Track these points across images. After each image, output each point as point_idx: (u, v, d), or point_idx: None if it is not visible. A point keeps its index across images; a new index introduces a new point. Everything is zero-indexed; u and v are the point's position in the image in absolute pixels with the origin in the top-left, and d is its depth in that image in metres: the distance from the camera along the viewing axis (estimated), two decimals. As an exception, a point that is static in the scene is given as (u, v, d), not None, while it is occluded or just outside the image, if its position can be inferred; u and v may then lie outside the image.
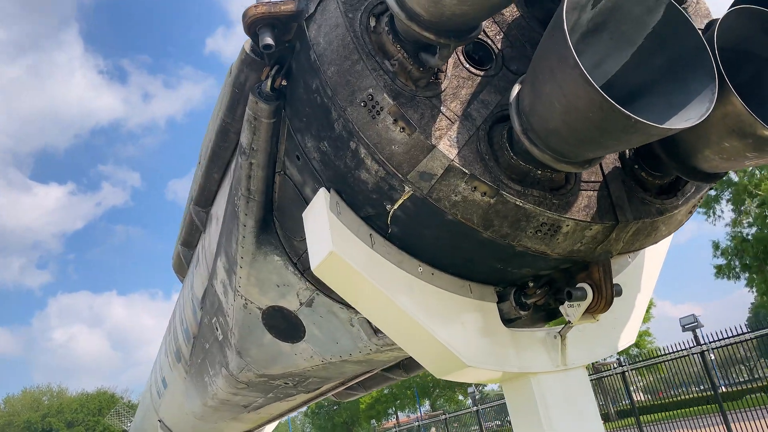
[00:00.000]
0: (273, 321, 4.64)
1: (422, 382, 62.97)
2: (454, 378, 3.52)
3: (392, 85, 2.77)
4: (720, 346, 18.67)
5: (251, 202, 3.92)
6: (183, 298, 7.84)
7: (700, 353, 18.74)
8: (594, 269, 3.13)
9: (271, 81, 3.27)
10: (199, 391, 7.01)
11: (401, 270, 3.28)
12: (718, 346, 18.68)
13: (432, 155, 2.75)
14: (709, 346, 18.72)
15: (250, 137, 3.56)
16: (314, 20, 2.98)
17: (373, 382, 6.89)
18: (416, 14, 2.53)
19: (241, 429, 10.79)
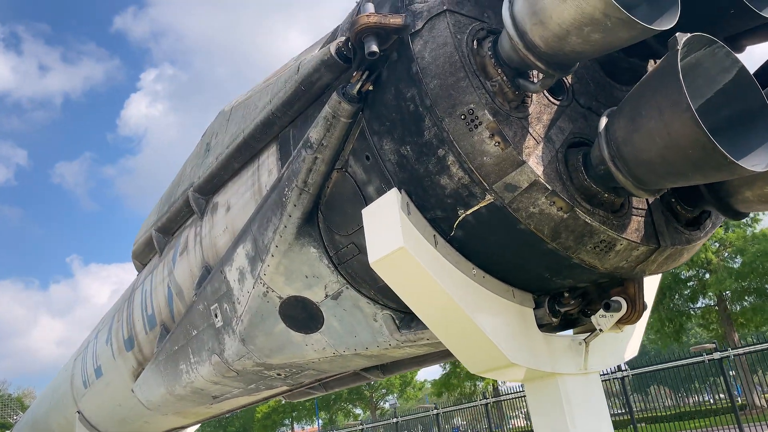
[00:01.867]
0: (291, 311, 4.79)
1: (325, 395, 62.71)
2: (489, 374, 3.85)
3: (492, 103, 3.10)
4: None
5: (304, 195, 4.09)
6: (150, 285, 7.72)
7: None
8: (630, 285, 3.57)
9: (360, 85, 3.50)
10: (166, 379, 6.90)
11: (458, 270, 3.59)
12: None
13: (521, 170, 3.09)
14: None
15: (323, 133, 3.77)
16: (420, 36, 3.26)
17: (344, 382, 7.08)
18: (534, 45, 2.88)
19: (177, 424, 10.58)
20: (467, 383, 42.16)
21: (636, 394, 29.46)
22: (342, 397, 60.37)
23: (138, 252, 8.62)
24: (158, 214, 7.53)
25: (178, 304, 6.77)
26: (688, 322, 30.39)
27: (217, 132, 5.82)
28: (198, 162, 6.25)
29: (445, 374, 41.65)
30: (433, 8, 3.24)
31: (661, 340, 33.60)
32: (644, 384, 29.45)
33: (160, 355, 7.00)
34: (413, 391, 58.34)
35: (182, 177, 6.77)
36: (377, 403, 61.22)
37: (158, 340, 7.21)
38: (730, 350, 16.26)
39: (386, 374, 6.59)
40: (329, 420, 69.01)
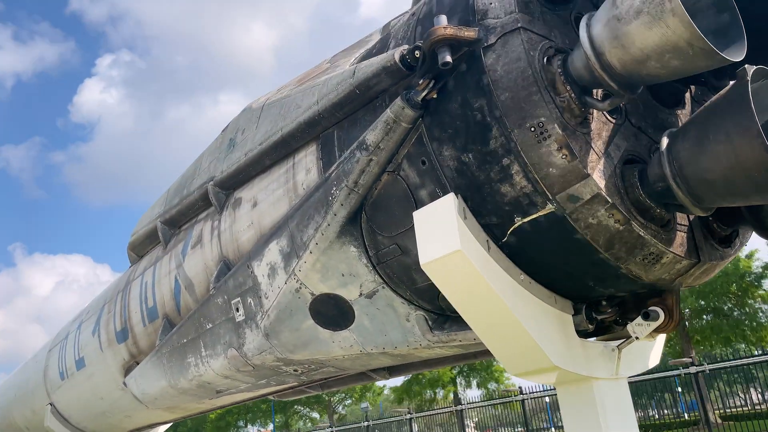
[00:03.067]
0: (321, 307, 4.87)
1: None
2: (527, 376, 4.02)
3: (560, 118, 3.28)
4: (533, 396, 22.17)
5: (353, 195, 4.20)
6: (152, 277, 7.67)
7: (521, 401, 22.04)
8: (668, 296, 3.78)
9: (425, 93, 3.64)
10: (169, 372, 6.87)
11: (507, 275, 3.75)
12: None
13: (585, 182, 3.27)
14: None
15: (381, 136, 3.89)
16: (493, 50, 3.41)
17: (348, 381, 7.17)
18: (611, 67, 3.06)
19: (160, 419, 10.48)
20: (428, 391, 42.44)
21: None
22: (300, 400, 59.92)
23: (136, 243, 8.54)
24: (165, 206, 7.51)
25: (186, 297, 6.76)
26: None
27: (244, 128, 5.87)
28: (219, 156, 6.28)
29: (407, 381, 41.84)
30: (507, 25, 3.40)
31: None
32: None
33: (164, 347, 6.97)
34: (372, 397, 58.31)
35: (198, 170, 6.78)
36: (335, 408, 60.94)
37: (161, 332, 7.17)
38: (706, 365, 16.96)
39: (392, 375, 6.71)
40: (284, 423, 68.38)
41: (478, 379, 42.15)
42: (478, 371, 41.09)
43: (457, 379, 41.95)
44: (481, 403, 25.05)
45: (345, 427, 30.10)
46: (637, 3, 2.82)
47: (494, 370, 41.05)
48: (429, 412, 25.79)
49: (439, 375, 39.48)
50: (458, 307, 3.83)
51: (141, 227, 8.34)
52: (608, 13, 3.00)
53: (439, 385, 41.17)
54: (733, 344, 29.30)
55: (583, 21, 3.20)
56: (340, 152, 4.50)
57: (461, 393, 42.52)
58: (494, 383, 41.63)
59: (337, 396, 61.14)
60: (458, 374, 41.64)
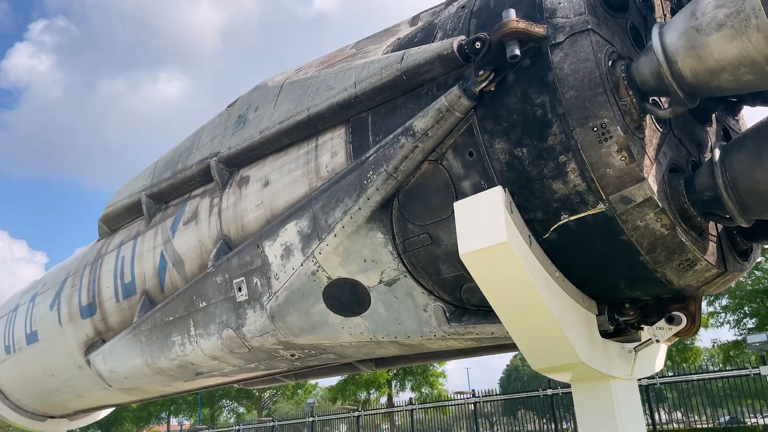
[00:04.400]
0: (336, 292, 4.83)
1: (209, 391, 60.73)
2: (550, 372, 4.11)
3: (622, 120, 3.38)
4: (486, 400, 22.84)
5: (390, 180, 4.19)
6: (131, 252, 7.40)
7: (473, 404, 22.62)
8: (691, 302, 3.95)
9: (485, 84, 3.67)
10: (147, 350, 6.62)
11: (544, 271, 3.83)
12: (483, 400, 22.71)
13: (640, 185, 3.38)
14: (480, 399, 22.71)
15: (430, 124, 3.90)
16: (560, 48, 3.49)
17: (331, 371, 7.12)
18: (681, 76, 3.19)
19: (114, 401, 10.11)
20: (362, 392, 42.49)
21: (504, 417, 31.77)
22: (230, 394, 58.83)
23: (112, 216, 8.22)
24: (153, 179, 7.26)
25: (173, 274, 6.56)
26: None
27: (257, 106, 5.75)
28: (224, 133, 6.13)
29: (342, 381, 41.75)
30: (576, 25, 3.48)
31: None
32: (514, 408, 31.40)
33: (143, 324, 6.74)
34: (304, 394, 57.88)
35: (196, 145, 6.60)
36: (265, 404, 60.14)
37: (139, 309, 6.93)
38: (656, 378, 17.70)
39: (379, 367, 6.70)
40: (210, 417, 66.95)
41: (413, 383, 42.55)
42: (415, 375, 41.46)
43: (393, 381, 42.21)
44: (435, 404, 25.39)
45: (288, 421, 29.70)
46: (720, 16, 2.95)
47: (430, 375, 41.54)
48: (375, 410, 25.78)
49: (375, 376, 39.58)
50: (492, 299, 3.88)
51: (119, 199, 8.03)
52: (686, 23, 3.12)
53: (374, 387, 41.25)
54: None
55: (655, 29, 3.31)
56: (374, 137, 4.48)
57: (395, 395, 42.82)
58: (429, 387, 42.12)
59: (268, 392, 60.40)
60: (394, 377, 41.90)
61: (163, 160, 7.30)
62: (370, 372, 39.53)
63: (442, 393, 40.34)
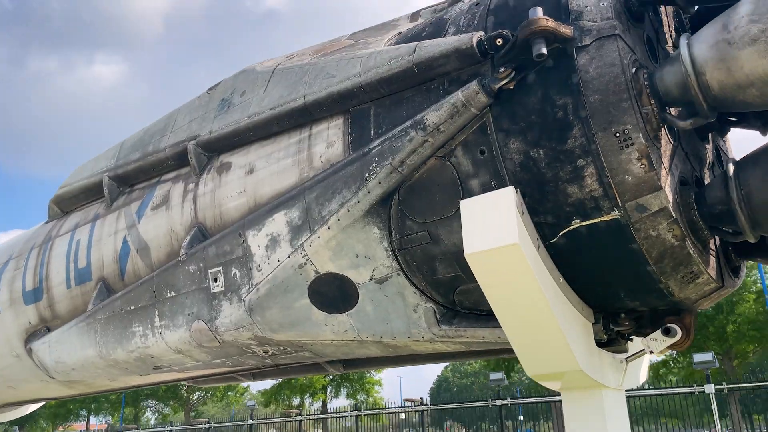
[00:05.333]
0: (323, 287, 4.64)
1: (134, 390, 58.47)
2: (544, 379, 4.06)
3: (644, 128, 3.37)
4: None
5: (394, 174, 4.06)
6: (88, 236, 6.98)
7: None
8: (687, 315, 3.99)
9: (505, 82, 3.60)
10: (102, 341, 6.21)
11: (550, 276, 3.78)
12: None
13: (657, 194, 3.38)
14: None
15: (444, 119, 3.80)
16: (586, 51, 3.45)
17: (297, 371, 6.88)
18: (708, 88, 3.20)
19: (50, 394, 9.53)
20: (297, 397, 41.91)
21: (432, 428, 32.22)
22: (156, 393, 56.86)
23: (66, 197, 7.74)
24: (117, 160, 6.87)
25: (137, 261, 6.20)
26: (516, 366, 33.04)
27: (244, 90, 5.52)
28: (204, 116, 5.85)
29: (277, 385, 41.05)
30: (603, 29, 3.46)
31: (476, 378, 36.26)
32: (442, 418, 31.87)
33: (99, 313, 6.34)
34: (235, 397, 56.57)
35: (170, 127, 6.28)
36: (194, 406, 58.41)
37: (95, 297, 6.52)
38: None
39: (347, 369, 6.53)
40: (134, 417, 64.56)
41: (349, 390, 42.31)
42: (351, 381, 41.24)
43: (328, 387, 41.85)
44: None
45: (224, 424, 28.82)
46: (754, 31, 2.98)
47: (367, 382, 41.41)
48: (321, 415, 25.35)
49: (311, 382, 39.14)
50: (494, 301, 3.80)
51: (76, 180, 7.56)
52: (717, 35, 3.14)
53: (309, 392, 40.78)
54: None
55: (683, 39, 3.32)
56: (377, 130, 4.35)
57: (329, 402, 42.45)
58: (364, 395, 41.97)
59: (197, 394, 58.76)
60: (330, 383, 41.54)
61: (129, 141, 6.92)
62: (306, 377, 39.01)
63: (377, 401, 40.29)
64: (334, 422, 26.65)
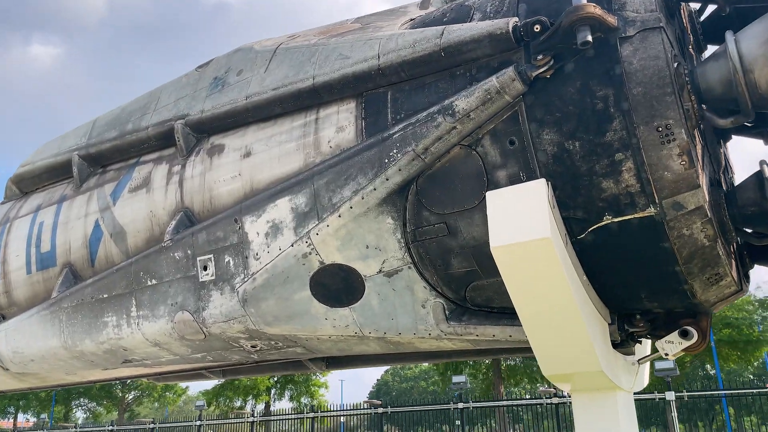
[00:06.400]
0: (326, 279, 4.40)
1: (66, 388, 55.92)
2: (558, 379, 3.95)
3: (685, 124, 3.30)
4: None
5: (416, 161, 3.88)
6: (53, 218, 6.50)
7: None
8: (703, 318, 3.95)
9: (543, 70, 3.48)
10: (68, 331, 5.75)
11: (575, 273, 3.67)
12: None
13: (694, 192, 3.31)
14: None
15: (475, 105, 3.65)
16: (630, 42, 3.36)
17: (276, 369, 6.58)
18: (755, 86, 3.16)
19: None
20: (239, 398, 40.94)
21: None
22: (90, 392, 54.54)
23: (27, 176, 7.21)
24: (89, 139, 6.43)
25: (110, 246, 5.79)
26: (464, 369, 33.33)
27: (241, 69, 5.23)
28: (194, 95, 5.52)
29: (219, 385, 39.96)
30: (647, 21, 3.38)
31: (441, 382, 36.42)
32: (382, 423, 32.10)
33: (65, 301, 5.89)
34: (173, 397, 54.88)
35: (153, 106, 5.90)
36: (129, 406, 56.30)
37: (60, 283, 6.06)
38: (567, 397, 18.24)
39: (329, 368, 6.28)
40: (64, 416, 61.77)
41: (293, 392, 41.66)
42: (296, 383, 40.62)
43: (272, 389, 41.08)
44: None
45: (170, 424, 27.74)
46: (810, 30, 2.95)
47: (312, 384, 40.87)
48: (276, 416, 24.73)
49: (256, 383, 38.34)
50: (517, 297, 3.66)
51: (40, 158, 7.06)
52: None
53: (252, 394, 39.92)
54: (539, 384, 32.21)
55: (729, 35, 3.28)
56: (394, 115, 4.15)
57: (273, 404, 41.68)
58: (309, 397, 41.41)
59: (132, 393, 56.78)
60: (273, 385, 40.79)
61: (104, 119, 6.48)
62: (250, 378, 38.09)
63: (322, 403, 39.80)
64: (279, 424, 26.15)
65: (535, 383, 32.69)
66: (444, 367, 32.50)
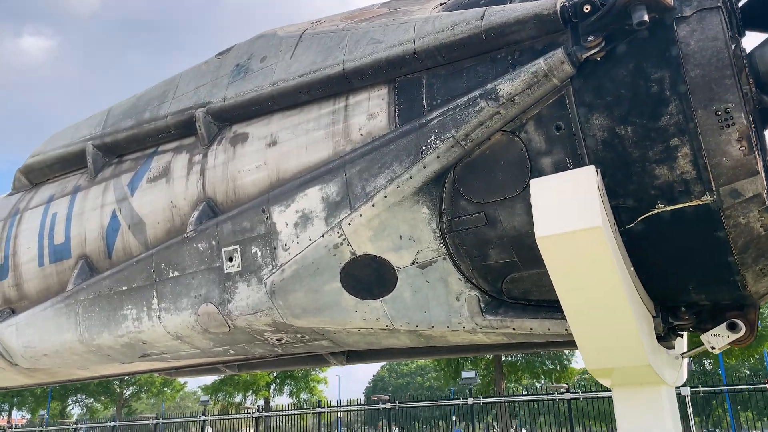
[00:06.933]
0: (357, 270, 4.27)
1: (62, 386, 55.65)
2: (602, 374, 3.82)
3: (745, 108, 3.18)
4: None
5: (456, 148, 3.74)
6: (67, 209, 6.35)
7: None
8: (751, 310, 3.83)
9: (594, 51, 3.35)
10: (84, 324, 5.60)
11: (624, 264, 3.54)
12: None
13: (753, 179, 3.19)
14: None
15: (521, 89, 3.51)
16: (687, 23, 3.23)
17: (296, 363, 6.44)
18: None
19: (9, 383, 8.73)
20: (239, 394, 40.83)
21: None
22: (88, 388, 54.32)
23: (38, 167, 7.06)
24: (104, 128, 6.28)
25: (128, 238, 5.65)
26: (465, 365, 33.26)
27: (264, 56, 5.08)
28: (215, 82, 5.37)
29: (219, 381, 39.84)
30: (705, 0, 3.25)
31: (443, 378, 36.34)
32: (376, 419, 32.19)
33: (82, 293, 5.74)
34: (171, 393, 54.72)
35: (172, 94, 5.75)
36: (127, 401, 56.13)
37: (76, 276, 5.91)
38: (579, 393, 18.14)
39: (350, 362, 6.16)
40: (60, 412, 61.53)
41: (292, 388, 41.55)
42: (295, 379, 40.52)
43: (272, 385, 40.96)
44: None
45: (175, 420, 27.61)
46: None
47: (311, 380, 40.78)
48: (281, 412, 24.59)
49: (256, 378, 38.22)
50: (563, 289, 3.53)
51: (51, 148, 6.90)
52: None
53: (252, 389, 39.80)
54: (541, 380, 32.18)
55: None
56: (430, 101, 4.02)
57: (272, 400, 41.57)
58: (308, 393, 41.32)
59: (129, 389, 56.63)
60: (273, 380, 40.67)
61: (119, 107, 6.33)
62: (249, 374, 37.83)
63: (321, 399, 39.72)
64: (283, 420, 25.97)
65: (537, 379, 32.66)
66: (445, 363, 32.42)
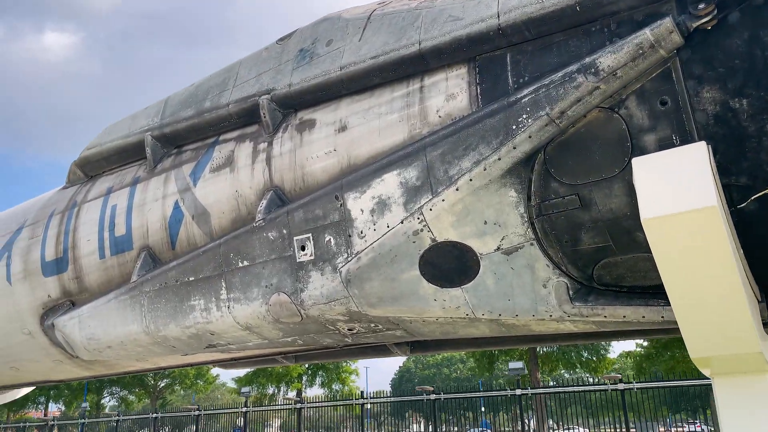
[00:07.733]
0: (437, 258, 4.12)
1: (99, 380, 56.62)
2: (704, 362, 3.63)
3: None
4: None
5: (550, 127, 3.57)
6: (128, 201, 6.31)
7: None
8: None
9: (706, 20, 3.14)
10: (150, 315, 5.57)
11: (731, 245, 3.34)
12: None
13: None
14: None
15: (623, 62, 3.32)
16: (810, -14, 3.01)
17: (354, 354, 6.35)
18: None
19: (58, 376, 8.81)
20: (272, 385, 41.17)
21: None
22: (122, 381, 55.25)
23: (94, 159, 7.04)
24: (162, 118, 6.21)
25: (192, 228, 5.58)
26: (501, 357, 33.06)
27: (330, 39, 4.94)
28: (278, 68, 5.25)
29: (252, 373, 40.18)
30: None
31: (478, 369, 36.14)
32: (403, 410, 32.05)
33: (147, 285, 5.70)
34: (204, 386, 55.36)
35: (233, 81, 5.65)
36: (162, 393, 57.02)
37: (139, 267, 5.87)
38: (634, 383, 17.82)
39: (414, 352, 6.03)
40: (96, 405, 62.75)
41: (324, 379, 41.73)
42: (327, 370, 40.68)
43: (303, 376, 41.20)
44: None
45: (216, 411, 27.95)
46: None
47: (343, 371, 40.90)
48: (322, 403, 24.71)
49: (288, 370, 38.46)
50: (670, 273, 3.33)
51: (108, 140, 6.87)
52: None
53: (285, 381, 40.08)
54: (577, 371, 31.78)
55: None
56: (516, 79, 3.84)
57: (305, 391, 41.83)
58: (340, 384, 41.45)
59: (164, 382, 57.45)
60: (305, 371, 40.91)
61: (178, 97, 6.26)
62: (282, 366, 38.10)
63: (353, 390, 39.83)
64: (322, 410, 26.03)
65: (573, 369, 32.27)
66: (480, 354, 32.22)
